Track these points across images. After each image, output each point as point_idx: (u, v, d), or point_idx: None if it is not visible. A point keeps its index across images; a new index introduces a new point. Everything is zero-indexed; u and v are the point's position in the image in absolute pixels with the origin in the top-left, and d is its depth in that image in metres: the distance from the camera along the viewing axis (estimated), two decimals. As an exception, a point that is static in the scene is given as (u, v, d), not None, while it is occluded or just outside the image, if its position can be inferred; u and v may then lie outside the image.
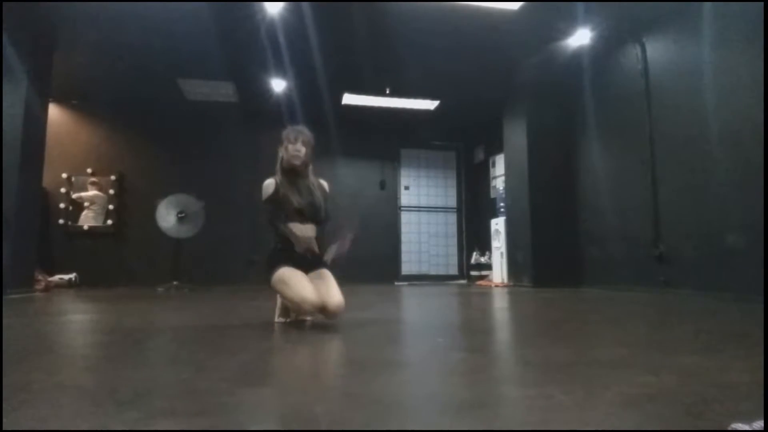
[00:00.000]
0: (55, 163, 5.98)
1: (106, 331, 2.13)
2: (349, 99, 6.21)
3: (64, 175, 6.26)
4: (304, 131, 2.33)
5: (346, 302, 2.10)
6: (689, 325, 2.28)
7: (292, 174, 2.29)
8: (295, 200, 2.23)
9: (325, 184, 2.41)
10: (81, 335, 2.06)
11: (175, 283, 5.54)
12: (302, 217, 2.24)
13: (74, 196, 6.27)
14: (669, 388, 1.04)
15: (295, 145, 2.28)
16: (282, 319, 2.31)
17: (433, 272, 7.76)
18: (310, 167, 2.36)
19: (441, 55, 5.17)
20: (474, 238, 7.75)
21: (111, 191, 6.41)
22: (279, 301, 2.33)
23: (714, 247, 3.65)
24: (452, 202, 8.06)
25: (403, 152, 7.85)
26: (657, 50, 4.36)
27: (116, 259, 6.29)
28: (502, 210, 6.61)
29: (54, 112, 5.90)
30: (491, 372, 1.29)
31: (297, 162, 2.27)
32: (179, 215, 5.61)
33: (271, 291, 2.24)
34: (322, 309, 2.04)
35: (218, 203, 6.32)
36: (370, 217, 7.28)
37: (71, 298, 4.07)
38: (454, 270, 7.91)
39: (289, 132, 2.32)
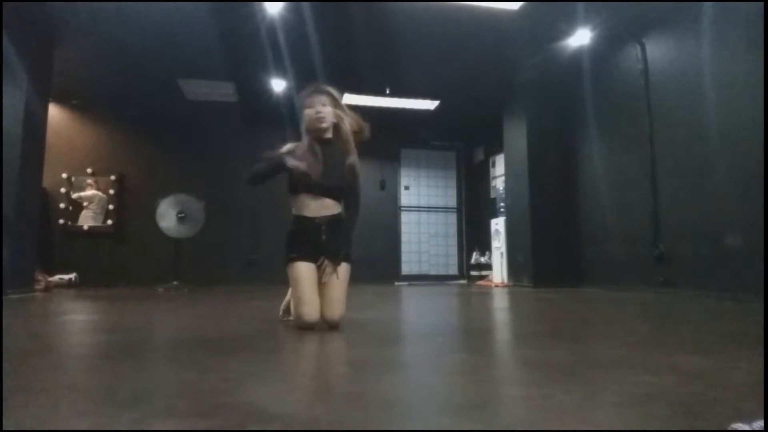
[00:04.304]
0: (55, 163, 5.98)
1: (106, 331, 2.13)
2: (349, 99, 6.20)
3: (64, 175, 6.26)
4: (322, 88, 2.08)
5: (346, 303, 2.08)
6: (689, 325, 2.28)
7: (320, 141, 2.05)
8: (306, 167, 1.97)
9: (352, 161, 2.09)
10: (81, 335, 2.06)
11: (175, 283, 5.54)
12: (316, 189, 2.02)
13: (74, 196, 6.27)
14: (669, 388, 1.04)
15: (314, 108, 2.03)
16: (284, 317, 2.29)
17: (433, 272, 7.76)
18: (344, 135, 2.07)
19: (441, 55, 5.17)
20: (474, 238, 7.75)
21: (111, 191, 6.41)
22: (288, 296, 2.29)
23: (714, 247, 3.65)
24: (452, 202, 8.06)
25: (403, 152, 7.85)
26: (657, 50, 4.36)
27: (116, 259, 6.29)
28: (502, 210, 6.62)
29: (54, 112, 5.89)
30: (491, 372, 1.29)
31: (323, 125, 2.04)
32: (179, 215, 5.60)
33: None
34: (321, 318, 2.01)
35: (218, 203, 6.32)
36: (370, 217, 7.29)
37: (71, 298, 4.07)
38: (454, 270, 7.91)
39: (304, 96, 2.07)
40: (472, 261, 7.41)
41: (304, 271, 2.00)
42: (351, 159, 2.10)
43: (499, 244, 6.27)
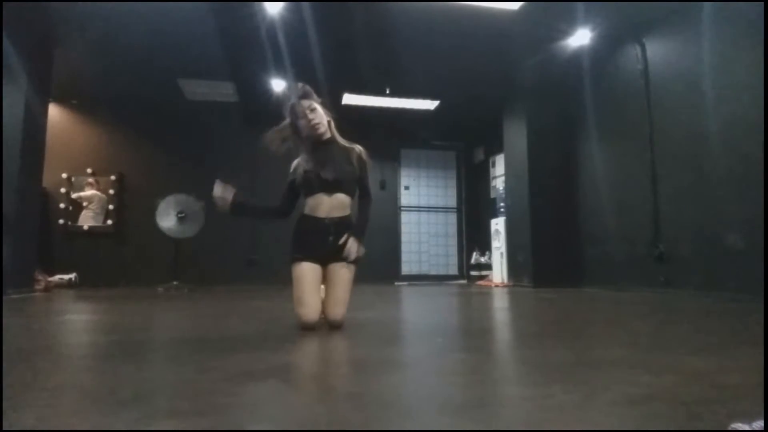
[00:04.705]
0: (55, 163, 5.98)
1: (106, 330, 2.13)
2: (349, 99, 6.21)
3: (64, 175, 6.26)
4: (303, 91, 2.09)
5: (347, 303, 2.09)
6: (689, 325, 2.28)
7: (320, 143, 2.09)
8: (313, 168, 2.03)
9: (359, 150, 2.14)
10: (81, 335, 2.06)
11: (175, 283, 5.54)
12: (328, 185, 2.04)
13: (74, 196, 6.27)
14: (669, 388, 1.04)
15: (306, 117, 2.05)
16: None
17: (433, 272, 7.76)
18: (333, 130, 2.14)
19: (441, 55, 5.16)
20: (474, 238, 7.75)
21: (111, 191, 6.41)
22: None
23: (714, 247, 3.65)
24: (452, 202, 8.06)
25: (403, 152, 7.85)
26: (657, 50, 4.36)
27: (116, 259, 6.29)
28: (502, 210, 6.62)
29: (54, 112, 5.89)
30: (491, 372, 1.29)
31: (320, 130, 2.06)
32: (179, 215, 5.61)
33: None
34: (324, 318, 2.02)
35: (218, 203, 6.31)
36: (371, 218, 7.29)
37: (71, 298, 4.07)
38: (454, 270, 7.90)
39: (294, 107, 2.07)
40: (472, 261, 7.41)
41: (306, 271, 1.99)
42: (358, 148, 2.15)
43: (499, 244, 6.27)
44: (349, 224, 2.11)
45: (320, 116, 2.08)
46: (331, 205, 2.06)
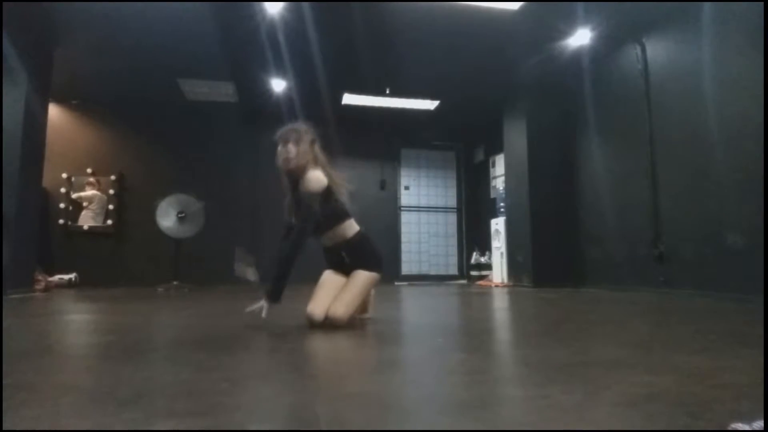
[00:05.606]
0: (55, 163, 5.98)
1: (106, 331, 2.13)
2: (349, 99, 6.21)
3: (64, 175, 6.26)
4: (291, 128, 2.12)
5: (367, 307, 2.28)
6: (689, 325, 2.28)
7: (295, 182, 2.12)
8: (292, 215, 2.16)
9: (313, 177, 2.03)
10: (81, 335, 2.06)
11: (175, 283, 5.53)
12: (315, 232, 2.16)
13: (74, 196, 6.27)
14: (669, 388, 1.04)
15: (284, 147, 2.10)
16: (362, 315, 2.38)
17: (433, 272, 7.76)
18: (311, 170, 2.07)
19: (441, 55, 5.16)
20: (474, 238, 7.75)
21: (111, 191, 6.41)
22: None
23: (714, 247, 3.65)
24: (452, 202, 8.06)
25: (403, 152, 7.85)
26: (657, 50, 4.36)
27: (116, 259, 6.29)
28: (502, 210, 6.61)
29: (54, 112, 5.89)
30: (491, 372, 1.29)
31: (289, 165, 2.07)
32: (179, 215, 5.61)
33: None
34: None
35: (218, 203, 6.32)
36: (370, 217, 7.29)
37: (71, 298, 4.07)
38: (454, 270, 7.90)
39: (283, 131, 2.13)
40: (472, 261, 7.41)
41: (327, 276, 2.23)
42: (305, 178, 2.05)
43: (499, 244, 6.27)
44: (358, 242, 2.25)
45: (295, 154, 2.07)
46: (329, 239, 2.23)
